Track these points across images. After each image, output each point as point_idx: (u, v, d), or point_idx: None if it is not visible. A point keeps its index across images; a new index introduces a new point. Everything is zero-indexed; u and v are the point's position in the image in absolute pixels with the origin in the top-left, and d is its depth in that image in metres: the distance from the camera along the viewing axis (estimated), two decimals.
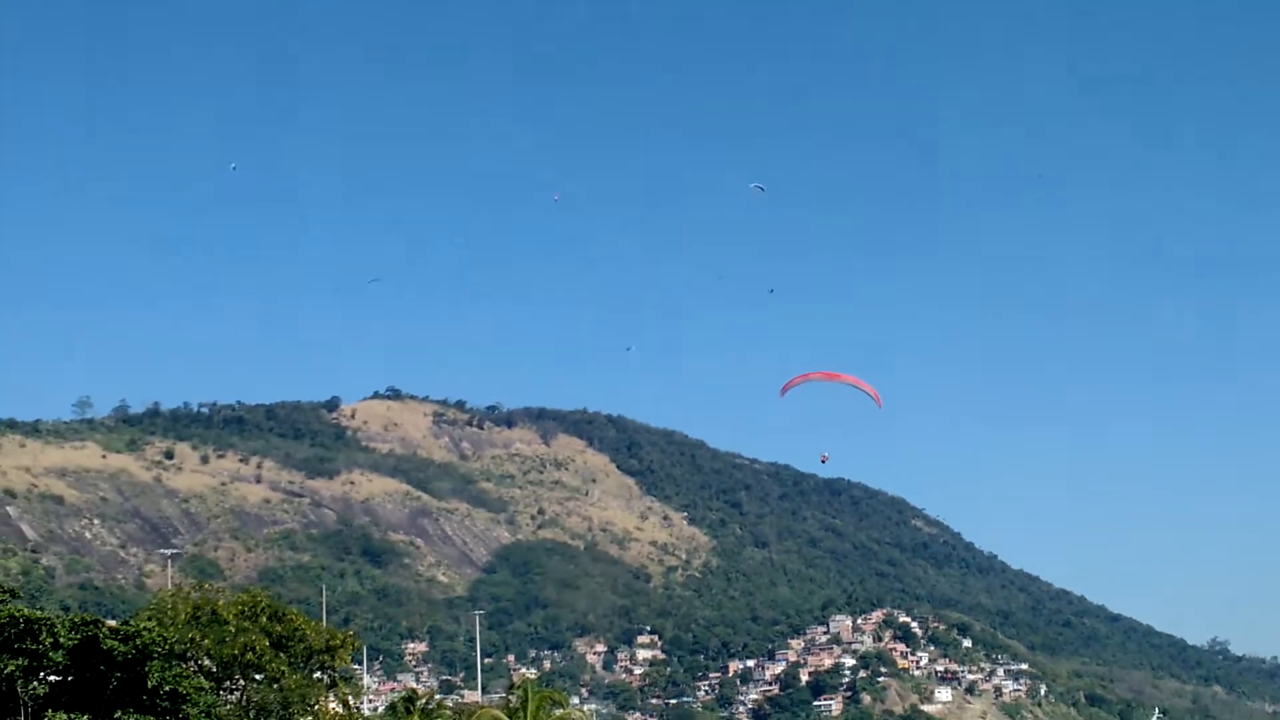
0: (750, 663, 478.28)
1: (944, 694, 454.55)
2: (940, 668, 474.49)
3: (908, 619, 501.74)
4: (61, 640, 68.41)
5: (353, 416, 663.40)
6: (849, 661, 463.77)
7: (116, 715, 68.07)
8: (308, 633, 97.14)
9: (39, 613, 71.27)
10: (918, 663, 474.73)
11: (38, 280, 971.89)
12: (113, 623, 73.64)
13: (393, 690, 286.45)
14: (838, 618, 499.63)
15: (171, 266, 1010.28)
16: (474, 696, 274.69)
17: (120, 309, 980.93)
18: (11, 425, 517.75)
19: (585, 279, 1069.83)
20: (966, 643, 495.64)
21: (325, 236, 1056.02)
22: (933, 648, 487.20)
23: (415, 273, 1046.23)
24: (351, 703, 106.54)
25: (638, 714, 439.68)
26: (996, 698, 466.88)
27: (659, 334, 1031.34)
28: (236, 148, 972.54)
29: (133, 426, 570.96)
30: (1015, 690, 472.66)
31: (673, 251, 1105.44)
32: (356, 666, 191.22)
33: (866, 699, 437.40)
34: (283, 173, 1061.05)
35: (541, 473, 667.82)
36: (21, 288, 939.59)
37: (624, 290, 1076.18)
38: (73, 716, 66.64)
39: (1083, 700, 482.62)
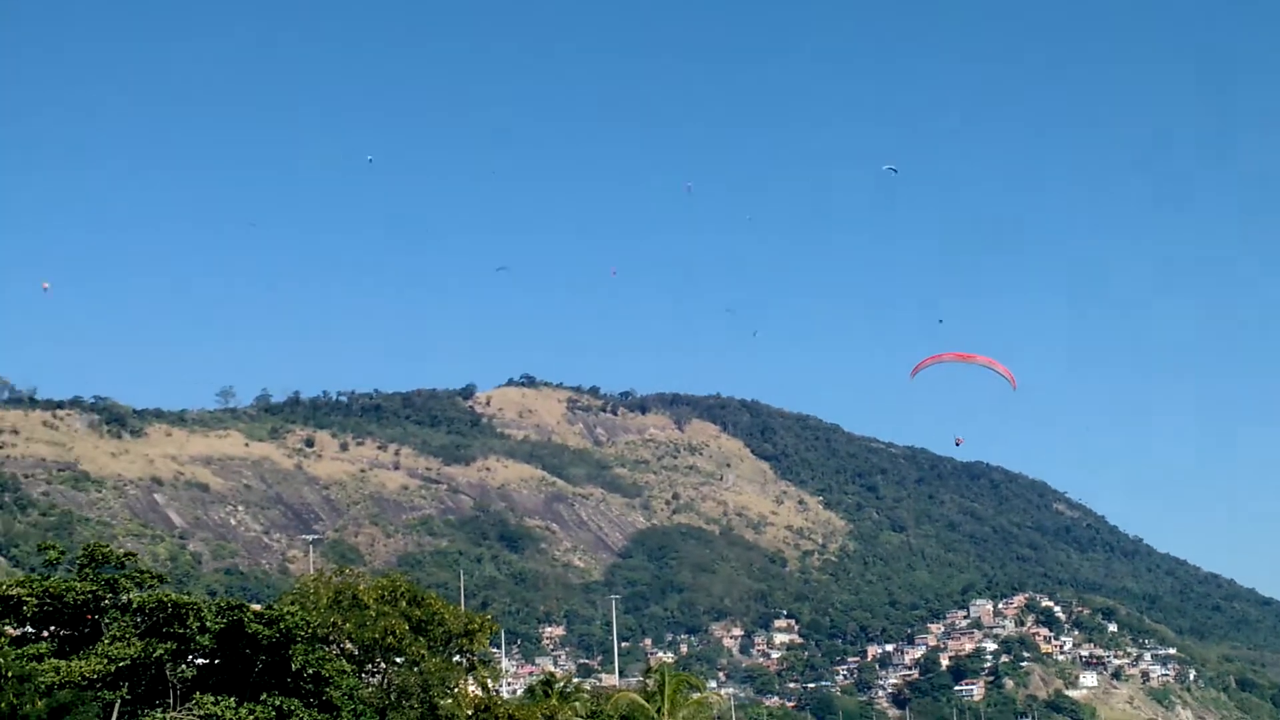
0: (889, 647, 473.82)
1: (1089, 679, 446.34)
2: (1085, 652, 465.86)
3: (1050, 603, 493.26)
4: (208, 624, 68.99)
5: (488, 404, 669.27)
6: (990, 646, 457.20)
7: (262, 697, 68.52)
8: (446, 617, 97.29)
9: (186, 598, 71.94)
10: (1061, 647, 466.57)
11: (182, 272, 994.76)
12: (257, 607, 74.16)
13: (531, 674, 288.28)
14: (978, 602, 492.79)
15: (311, 257, 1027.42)
16: (611, 680, 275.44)
17: (262, 300, 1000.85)
18: (158, 415, 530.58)
19: (716, 264, 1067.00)
20: (1112, 627, 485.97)
21: (460, 227, 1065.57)
22: (1077, 632, 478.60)
23: (547, 260, 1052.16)
24: (490, 686, 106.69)
25: (775, 698, 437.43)
26: (1144, 683, 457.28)
27: (791, 318, 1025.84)
28: (370, 140, 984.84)
29: (274, 415, 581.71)
30: (1163, 675, 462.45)
31: (802, 237, 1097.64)
32: (495, 650, 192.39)
33: (1009, 684, 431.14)
34: (420, 164, 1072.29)
35: (675, 458, 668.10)
36: (166, 280, 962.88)
37: (755, 275, 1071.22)
38: (220, 699, 67.22)
39: (1234, 685, 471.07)
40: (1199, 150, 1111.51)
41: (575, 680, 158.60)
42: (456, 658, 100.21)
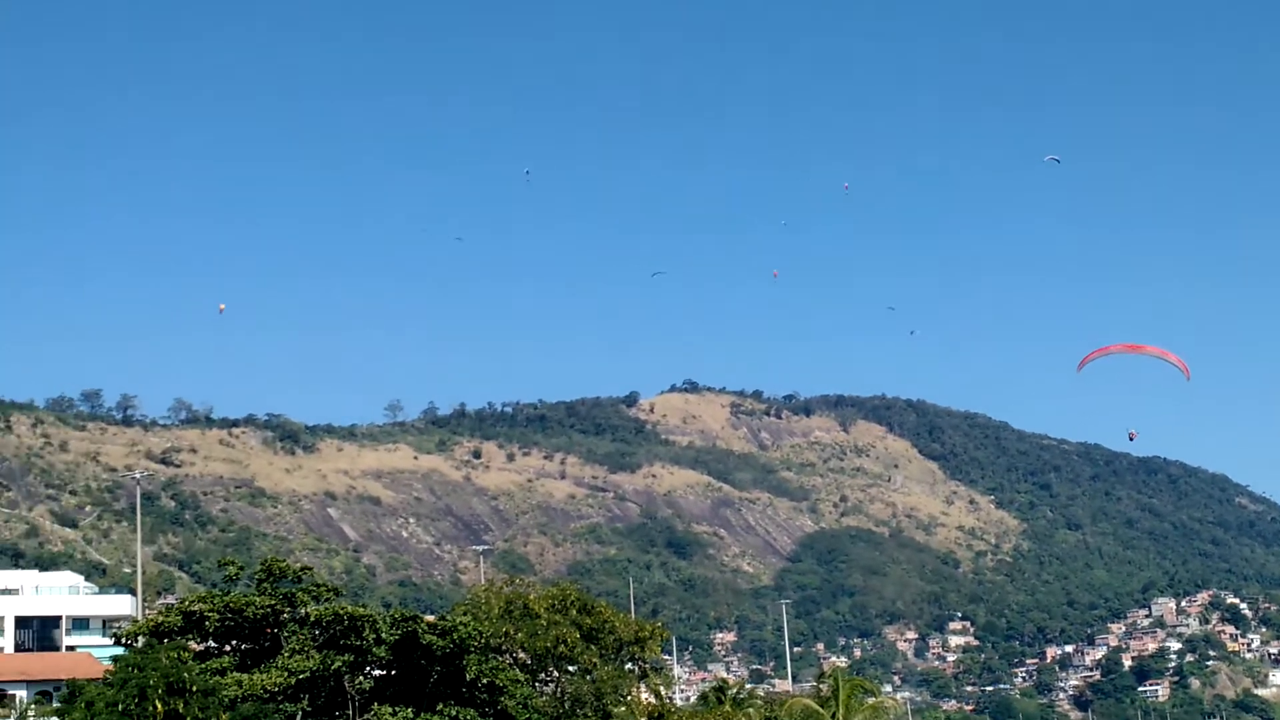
0: (1069, 648, 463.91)
1: (1279, 677, 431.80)
2: (1274, 650, 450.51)
3: (1236, 600, 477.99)
4: (384, 636, 69.41)
5: (651, 410, 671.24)
6: (1174, 645, 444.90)
7: (438, 708, 68.71)
8: (617, 625, 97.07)
9: (362, 610, 72.45)
10: (1249, 645, 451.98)
11: (346, 290, 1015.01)
12: (430, 618, 74.41)
13: (703, 680, 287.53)
14: (1160, 600, 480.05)
15: (472, 268, 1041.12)
16: (784, 685, 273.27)
17: (426, 313, 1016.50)
18: (329, 430, 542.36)
19: (877, 262, 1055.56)
20: None
21: (617, 232, 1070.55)
22: (1265, 629, 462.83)
23: (706, 263, 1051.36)
24: (663, 693, 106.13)
25: (952, 702, 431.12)
26: None
27: (955, 314, 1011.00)
28: (534, 150, 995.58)
29: (441, 428, 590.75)
30: None
31: (963, 232, 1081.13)
32: (666, 657, 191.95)
33: (1195, 683, 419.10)
34: (577, 170, 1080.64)
35: (842, 460, 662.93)
36: (332, 297, 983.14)
37: (915, 272, 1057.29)
38: (397, 710, 67.57)
39: None
40: None
41: (748, 686, 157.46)
42: (629, 665, 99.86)
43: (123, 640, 73.46)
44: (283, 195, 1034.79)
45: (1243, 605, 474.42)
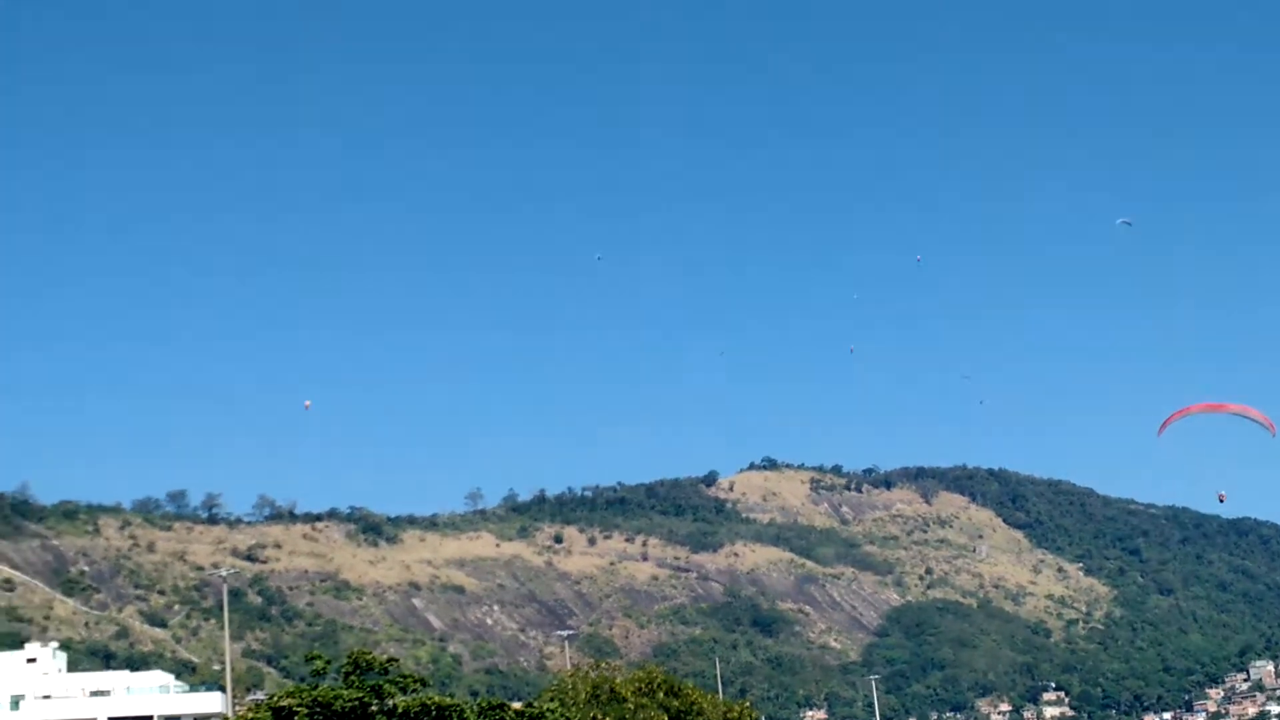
0: (1167, 715, 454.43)
1: None
2: None
3: None
4: None
5: (731, 489, 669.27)
6: (1275, 709, 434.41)
7: None
8: (705, 706, 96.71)
9: (450, 700, 72.75)
10: None
11: (425, 387, 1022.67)
12: (518, 705, 74.73)
13: None
14: (1258, 663, 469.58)
15: (544, 356, 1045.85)
16: None
17: (504, 401, 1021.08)
18: (411, 521, 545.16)
19: (949, 332, 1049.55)
20: None
21: (688, 316, 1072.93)
22: None
23: (778, 342, 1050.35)
24: None
25: None
26: None
27: (1032, 381, 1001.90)
28: (603, 238, 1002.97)
29: (522, 514, 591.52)
30: None
31: (1035, 299, 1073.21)
32: None
33: None
34: (648, 260, 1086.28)
35: (925, 532, 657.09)
36: (409, 396, 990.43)
37: (991, 341, 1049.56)
38: None
39: None
40: None
41: None
42: None
43: None
44: (360, 296, 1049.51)
45: None
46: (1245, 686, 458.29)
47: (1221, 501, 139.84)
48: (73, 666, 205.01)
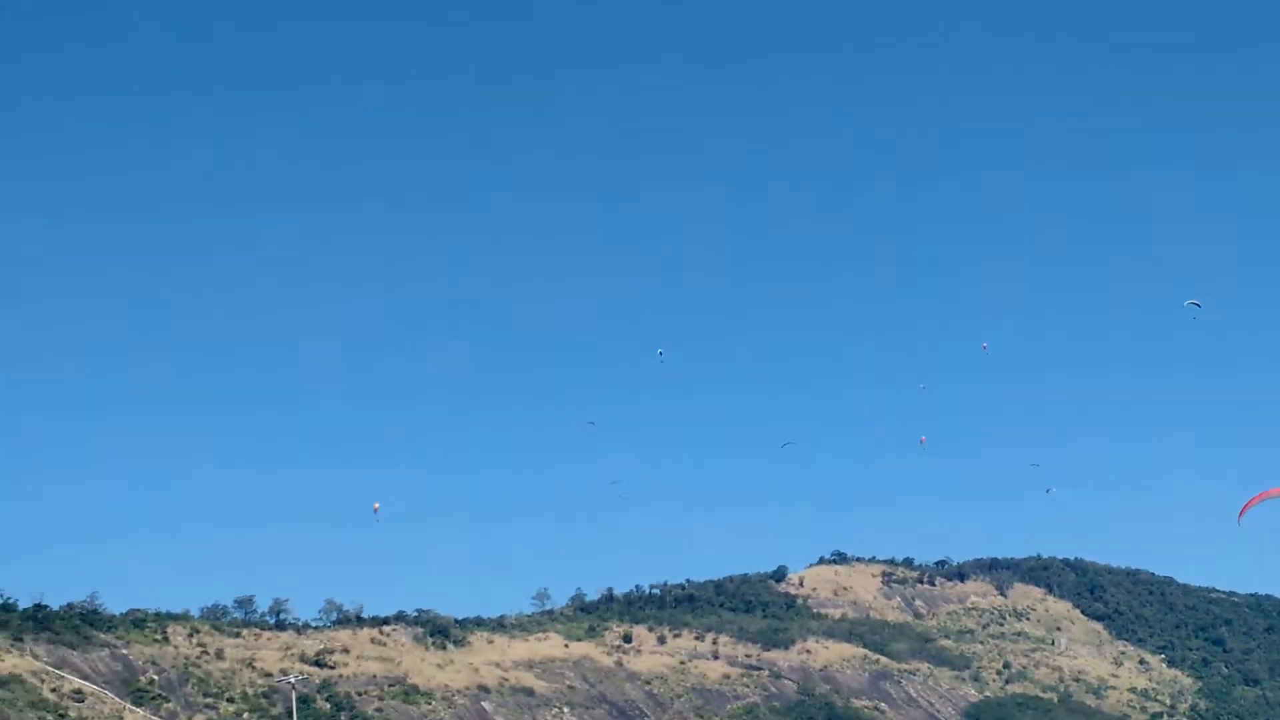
0: None
1: None
2: None
3: None
4: None
5: (801, 584, 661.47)
6: None
7: None
8: None
9: None
10: None
11: (490, 487, 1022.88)
12: None
13: None
14: None
15: (606, 455, 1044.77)
16: None
17: (569, 501, 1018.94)
18: (479, 623, 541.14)
19: (1019, 421, 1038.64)
20: None
21: (755, 410, 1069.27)
22: None
23: (847, 432, 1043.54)
24: None
25: None
26: None
27: (1105, 467, 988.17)
28: (664, 330, 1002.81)
29: (590, 614, 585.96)
30: None
31: (1107, 381, 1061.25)
32: None
33: None
34: (710, 346, 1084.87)
35: (1002, 625, 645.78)
36: (475, 497, 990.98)
37: (1062, 428, 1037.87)
38: None
39: None
40: None
41: None
42: None
43: None
44: (424, 390, 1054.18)
45: None
46: None
47: None
48: None
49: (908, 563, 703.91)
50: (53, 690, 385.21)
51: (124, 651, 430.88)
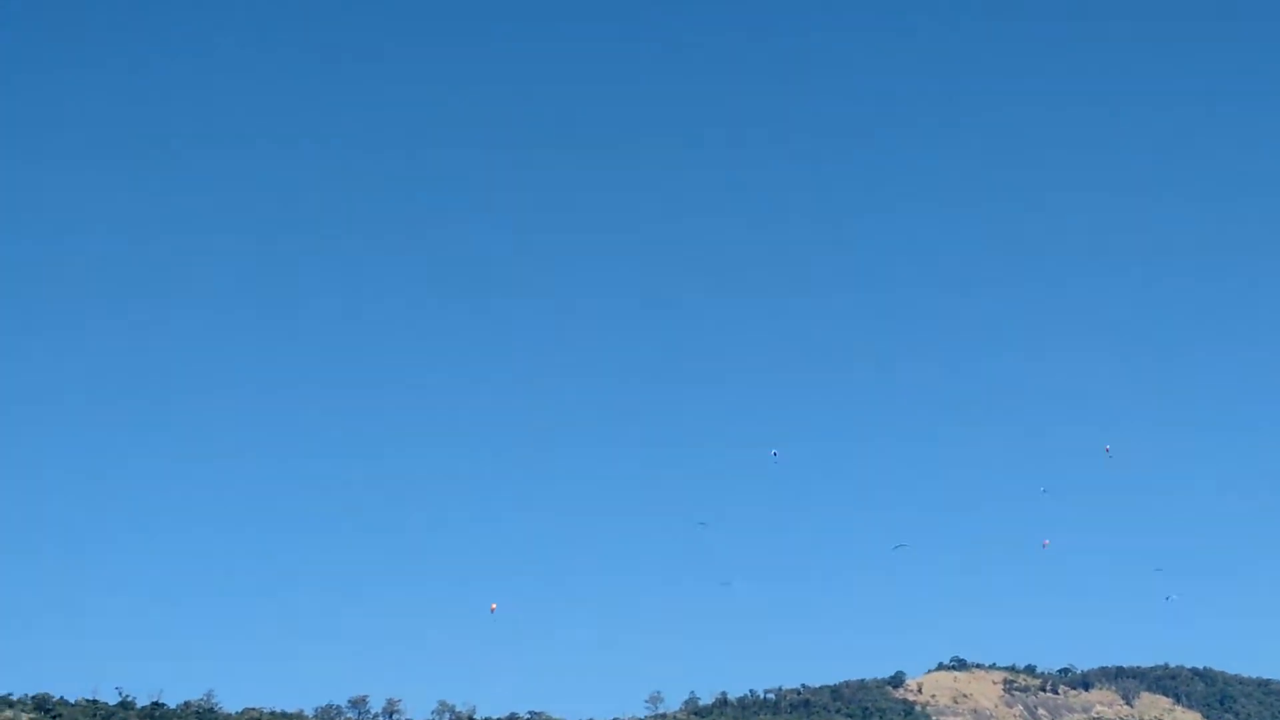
0: None
1: None
2: None
3: None
4: None
5: (919, 690, 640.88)
6: None
7: None
8: None
9: None
10: None
11: (599, 590, 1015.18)
12: None
13: None
14: None
15: (718, 559, 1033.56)
16: None
17: (682, 603, 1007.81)
18: None
19: (1144, 524, 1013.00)
20: None
21: (864, 514, 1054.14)
22: None
23: (966, 534, 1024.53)
24: None
25: None
26: None
27: (1233, 572, 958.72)
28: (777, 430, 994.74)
29: (704, 718, 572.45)
30: None
31: (1234, 487, 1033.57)
32: None
33: None
34: (821, 448, 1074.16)
35: None
36: (586, 599, 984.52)
37: (1187, 531, 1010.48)
38: None
39: None
40: None
41: None
42: None
43: None
44: (535, 491, 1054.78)
45: None
46: None
47: None
48: None
49: (1030, 670, 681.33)
50: None
51: None
